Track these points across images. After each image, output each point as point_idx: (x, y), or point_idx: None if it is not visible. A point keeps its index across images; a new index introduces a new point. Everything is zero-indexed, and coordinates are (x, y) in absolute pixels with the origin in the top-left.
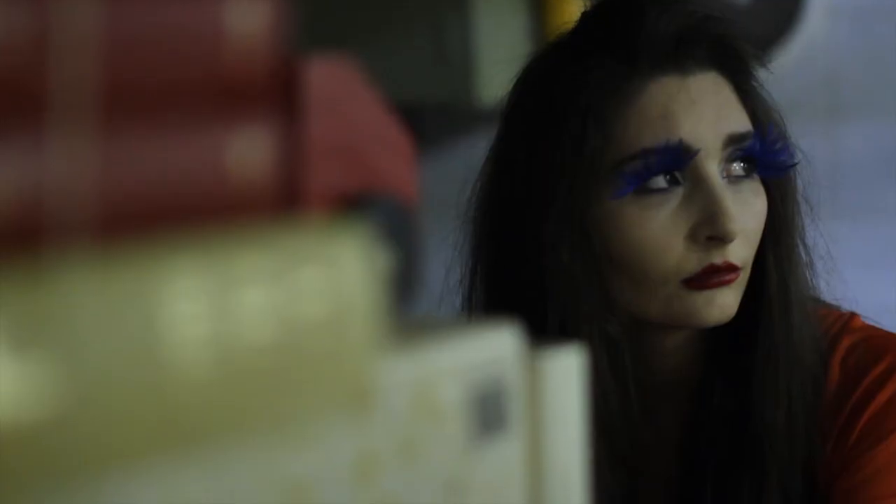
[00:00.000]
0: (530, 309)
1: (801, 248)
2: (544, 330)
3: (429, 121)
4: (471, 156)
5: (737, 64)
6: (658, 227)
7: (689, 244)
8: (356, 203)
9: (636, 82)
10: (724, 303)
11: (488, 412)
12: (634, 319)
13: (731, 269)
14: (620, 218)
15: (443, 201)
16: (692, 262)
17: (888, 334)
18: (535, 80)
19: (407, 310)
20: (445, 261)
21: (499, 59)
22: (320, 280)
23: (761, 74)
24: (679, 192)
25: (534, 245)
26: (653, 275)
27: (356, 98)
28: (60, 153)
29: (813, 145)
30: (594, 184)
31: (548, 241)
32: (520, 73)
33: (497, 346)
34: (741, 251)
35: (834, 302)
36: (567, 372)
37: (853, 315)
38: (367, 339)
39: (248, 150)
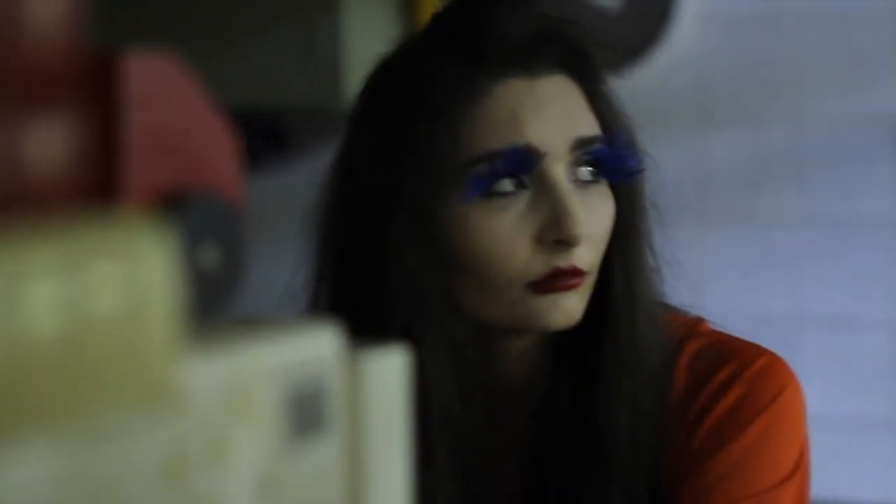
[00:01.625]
0: (375, 312)
1: (648, 253)
2: (388, 334)
3: (297, 123)
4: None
5: (586, 68)
6: (504, 231)
7: (536, 248)
8: (175, 200)
9: (484, 84)
10: (570, 307)
11: (306, 413)
12: (480, 324)
13: (577, 273)
14: (467, 221)
15: (308, 206)
16: (538, 265)
17: (734, 339)
18: (384, 81)
19: (227, 310)
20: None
21: (369, 62)
22: (116, 275)
23: (618, 80)
24: (526, 195)
25: (379, 247)
26: (499, 278)
27: (177, 92)
28: None
29: (682, 153)
30: (441, 186)
31: (393, 243)
32: (370, 74)
33: (316, 346)
34: (587, 255)
35: (683, 307)
36: (390, 373)
37: (700, 320)
38: (167, 335)
39: (48, 144)
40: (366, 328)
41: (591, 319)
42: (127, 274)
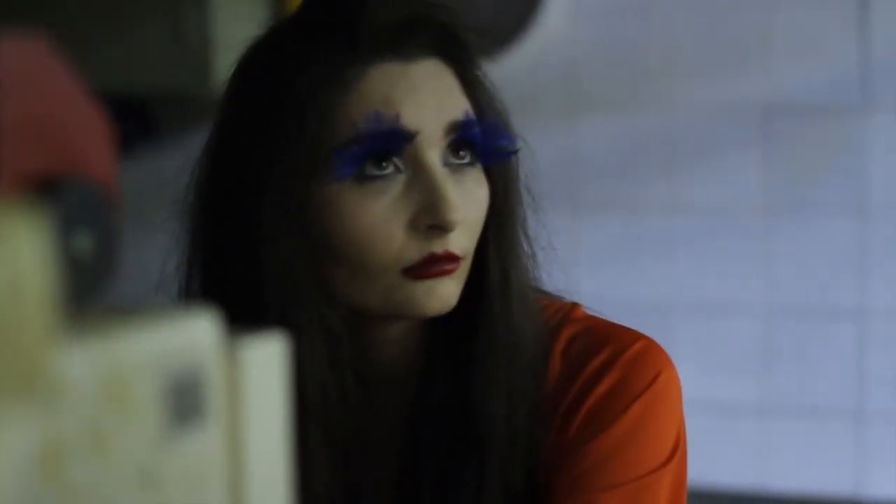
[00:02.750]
0: (248, 299)
1: (522, 238)
2: (262, 321)
3: (165, 108)
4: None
5: (460, 52)
6: (378, 215)
7: (410, 233)
8: (46, 186)
9: (357, 68)
10: (445, 293)
11: (184, 402)
12: (354, 310)
13: (452, 258)
14: (340, 204)
15: (178, 191)
16: (412, 251)
17: (609, 324)
18: (254, 66)
19: (102, 297)
20: (161, 249)
21: (236, 47)
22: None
23: (489, 64)
24: (400, 179)
25: (251, 233)
26: (373, 264)
27: (50, 77)
28: None
29: (552, 140)
30: (312, 168)
31: (265, 228)
32: (240, 58)
33: (194, 334)
34: (462, 240)
35: (557, 293)
36: (268, 361)
37: (575, 305)
38: (42, 323)
39: None
40: (239, 315)
41: (467, 305)
42: (2, 260)
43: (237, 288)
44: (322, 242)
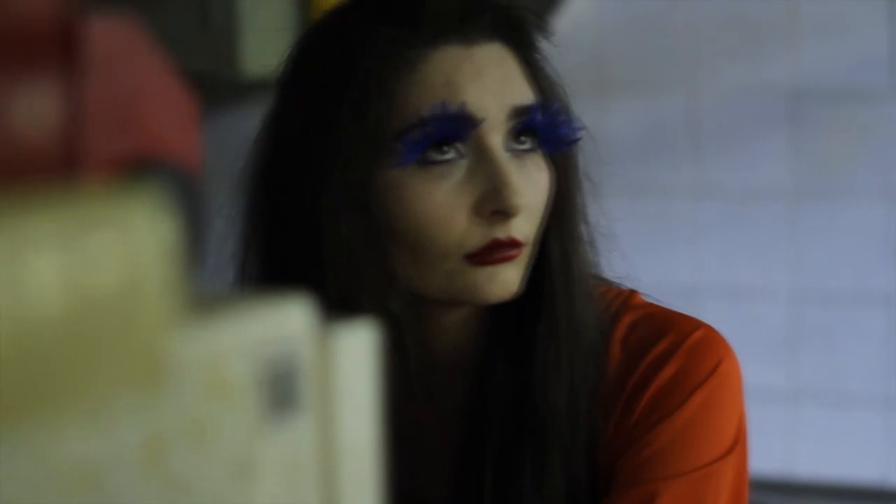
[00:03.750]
0: (308, 283)
1: (583, 225)
2: (323, 305)
3: (192, 92)
4: (238, 126)
5: (521, 35)
6: (441, 200)
7: (473, 218)
8: (138, 169)
9: (419, 50)
10: (507, 279)
11: (280, 391)
12: (416, 296)
13: (515, 244)
14: (403, 189)
15: (212, 174)
16: (475, 236)
17: (668, 312)
18: (315, 48)
19: (191, 283)
20: (216, 234)
21: (264, 29)
22: (112, 247)
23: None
24: (463, 164)
25: (312, 216)
26: (435, 249)
27: (138, 56)
28: None
29: (580, 123)
30: (375, 153)
31: (327, 212)
32: (298, 40)
33: (289, 321)
34: (525, 227)
35: (615, 279)
36: (360, 349)
37: (633, 292)
38: (162, 310)
39: (34, 110)
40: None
41: (527, 292)
42: (123, 246)
43: (297, 273)
44: (384, 225)
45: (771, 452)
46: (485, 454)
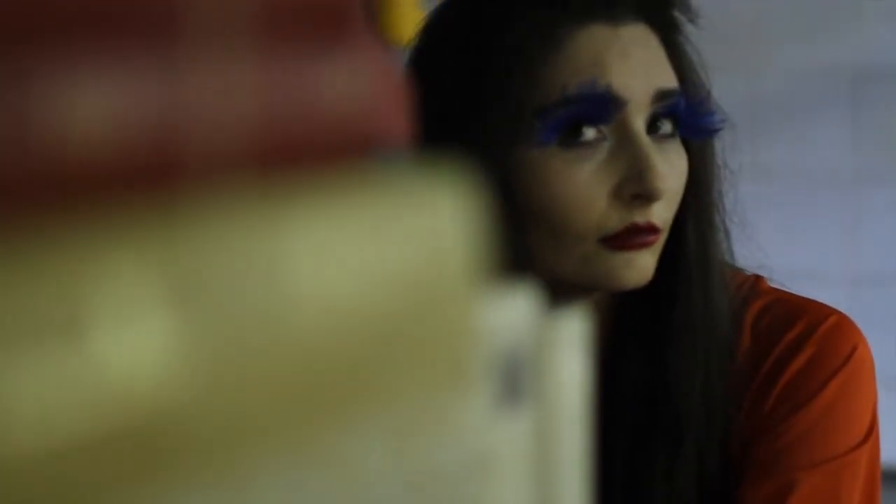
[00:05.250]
0: None
1: (719, 212)
2: None
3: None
4: None
5: (666, 17)
6: (582, 182)
7: (612, 202)
8: (377, 152)
9: (566, 28)
10: (643, 265)
11: (507, 382)
12: (548, 279)
13: (653, 230)
14: (544, 169)
15: None
16: (613, 220)
17: (798, 298)
18: (452, 24)
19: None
20: None
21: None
22: (417, 233)
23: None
24: (605, 147)
25: None
26: (571, 231)
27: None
28: (209, 78)
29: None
30: (516, 132)
31: None
32: (431, 16)
33: (516, 309)
34: (663, 212)
35: (748, 267)
36: (573, 338)
37: (760, 278)
38: (467, 301)
39: (351, 83)
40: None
41: (659, 280)
42: (430, 232)
43: None
44: (521, 204)
45: None
46: (616, 444)
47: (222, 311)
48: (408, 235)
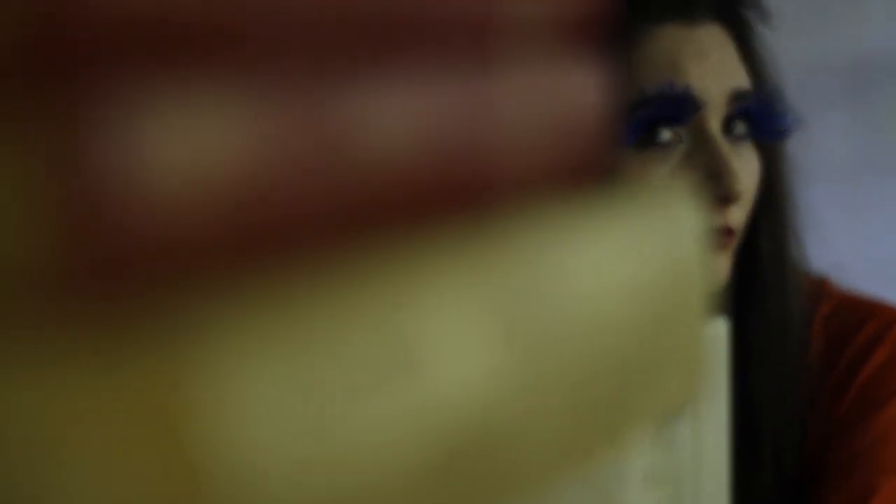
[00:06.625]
0: None
1: (793, 215)
2: None
3: None
4: None
5: (741, 19)
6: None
7: None
8: None
9: (643, 27)
10: (719, 268)
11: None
12: None
13: (730, 232)
14: (621, 171)
15: None
16: None
17: (865, 299)
18: None
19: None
20: None
21: None
22: (657, 242)
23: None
24: (680, 149)
25: None
26: None
27: None
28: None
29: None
30: None
31: None
32: None
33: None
34: (739, 215)
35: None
36: (719, 342)
37: (825, 280)
38: (701, 309)
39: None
40: None
41: (733, 282)
42: (671, 246)
43: None
44: None
45: None
46: None
47: (534, 332)
48: (654, 250)
